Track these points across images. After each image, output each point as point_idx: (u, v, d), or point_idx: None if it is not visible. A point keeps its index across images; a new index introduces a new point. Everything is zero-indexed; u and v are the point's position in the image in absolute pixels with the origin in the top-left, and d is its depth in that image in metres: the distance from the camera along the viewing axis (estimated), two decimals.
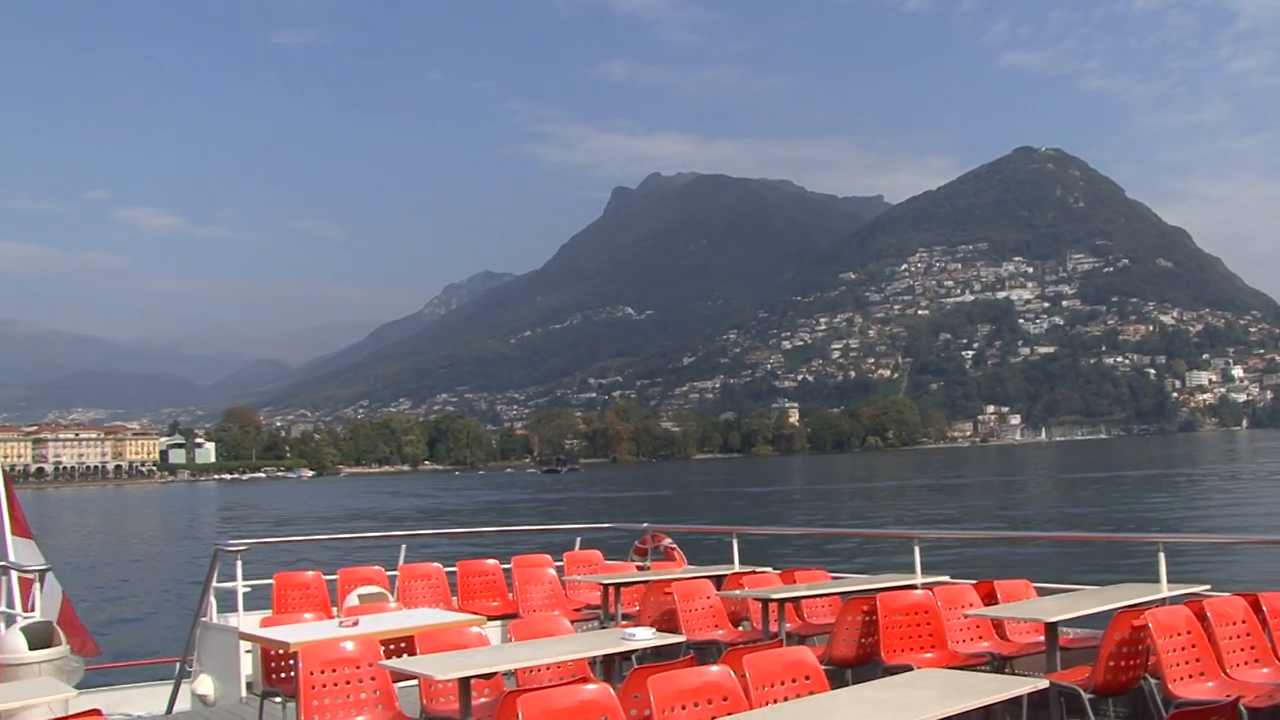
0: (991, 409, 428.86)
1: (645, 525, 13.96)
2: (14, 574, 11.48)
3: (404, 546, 12.79)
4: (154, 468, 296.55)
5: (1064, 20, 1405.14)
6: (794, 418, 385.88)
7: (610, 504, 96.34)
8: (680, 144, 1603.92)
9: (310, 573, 11.56)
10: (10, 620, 10.94)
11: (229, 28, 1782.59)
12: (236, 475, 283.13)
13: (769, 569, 11.55)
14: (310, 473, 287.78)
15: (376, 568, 11.85)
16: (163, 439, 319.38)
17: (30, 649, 9.48)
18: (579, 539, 13.79)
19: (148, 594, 39.27)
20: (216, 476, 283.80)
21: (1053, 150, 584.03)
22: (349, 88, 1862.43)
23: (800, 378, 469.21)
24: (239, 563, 10.63)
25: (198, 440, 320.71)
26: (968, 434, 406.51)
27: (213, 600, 11.07)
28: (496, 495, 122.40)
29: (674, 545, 13.44)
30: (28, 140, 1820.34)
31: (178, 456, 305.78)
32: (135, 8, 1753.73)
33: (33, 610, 10.72)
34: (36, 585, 10.80)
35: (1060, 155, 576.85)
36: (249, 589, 10.74)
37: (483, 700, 7.43)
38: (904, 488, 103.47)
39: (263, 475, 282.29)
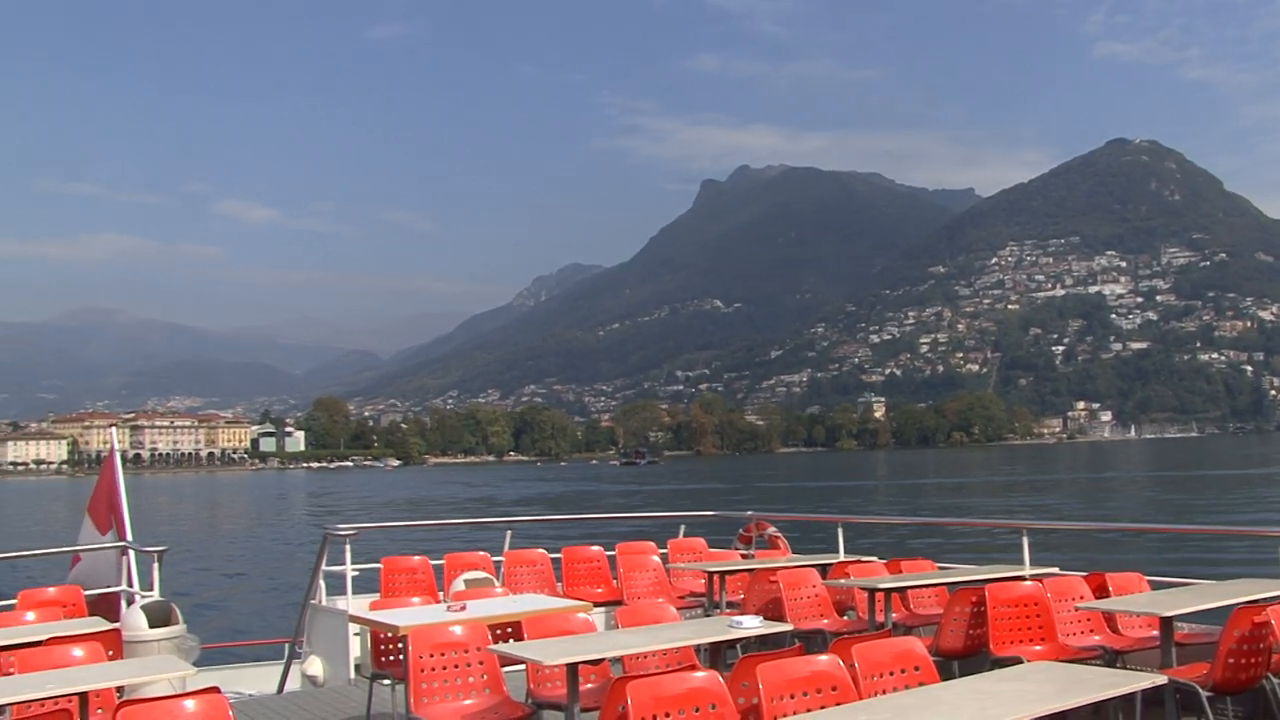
0: (1082, 405, 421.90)
1: (749, 513, 13.93)
2: (132, 554, 11.86)
3: (509, 532, 12.89)
4: (245, 455, 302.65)
5: (1162, 9, 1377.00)
6: (879, 412, 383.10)
7: (672, 497, 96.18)
8: (770, 136, 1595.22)
9: (417, 557, 11.66)
10: (130, 599, 11.31)
11: (325, 23, 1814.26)
12: (324, 464, 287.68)
13: (874, 558, 11.49)
14: (396, 462, 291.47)
15: (482, 553, 11.96)
16: (254, 427, 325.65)
17: (150, 627, 9.77)
18: (683, 526, 13.78)
19: (248, 576, 40.09)
20: (305, 465, 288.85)
21: (1147, 142, 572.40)
22: (441, 81, 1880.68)
23: (888, 372, 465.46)
24: (348, 547, 10.79)
25: (288, 429, 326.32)
26: (1056, 430, 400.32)
27: (322, 583, 11.27)
28: (559, 487, 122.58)
29: (778, 534, 13.39)
30: (132, 135, 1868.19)
31: (268, 444, 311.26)
32: (231, 5, 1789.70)
33: (151, 589, 11.06)
34: (155, 565, 11.15)
35: (1155, 147, 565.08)
36: (357, 573, 10.90)
37: (589, 686, 7.45)
38: (991, 483, 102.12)
39: (350, 464, 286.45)
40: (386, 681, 8.63)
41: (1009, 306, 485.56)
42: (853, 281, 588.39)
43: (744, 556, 12.94)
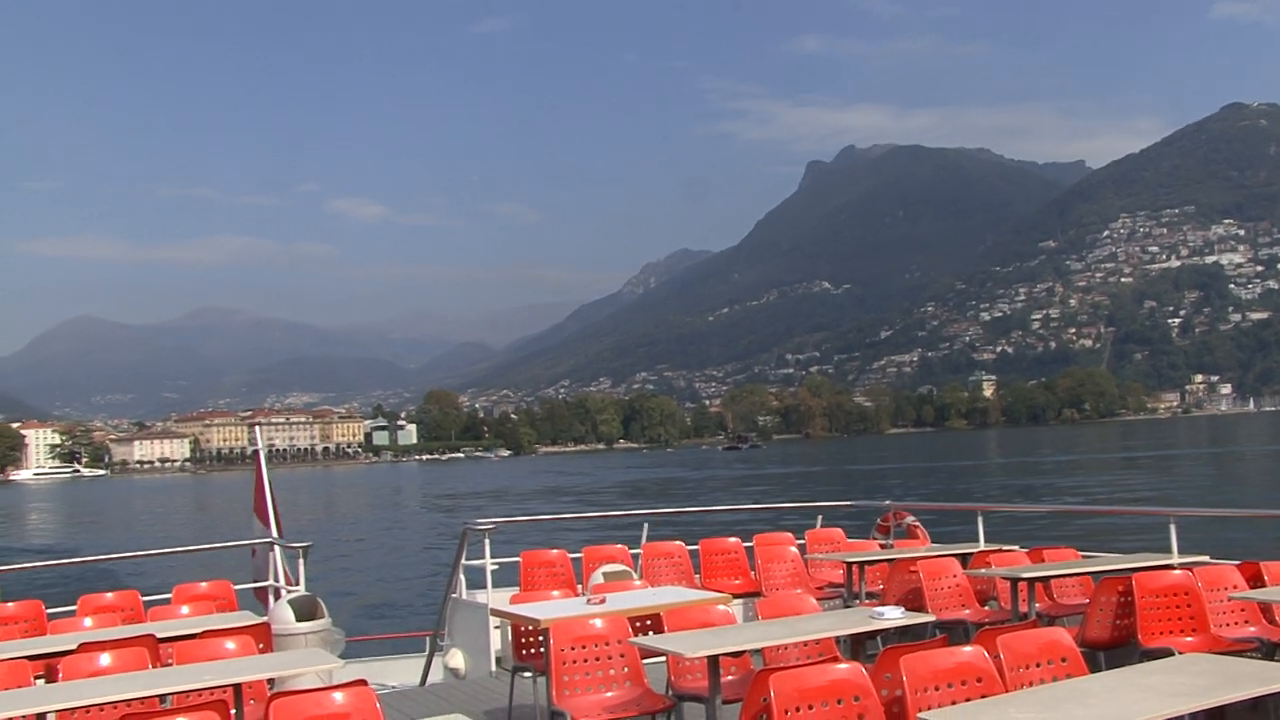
0: (1200, 378, 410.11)
1: (887, 503, 13.83)
2: (278, 550, 12.23)
3: (646, 525, 12.99)
4: (359, 449, 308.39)
5: None
6: (989, 390, 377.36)
7: (758, 482, 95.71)
8: (876, 115, 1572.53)
9: (555, 551, 11.86)
10: (277, 593, 11.67)
11: (430, 21, 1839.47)
12: (436, 456, 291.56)
13: (1015, 547, 11.36)
14: (506, 452, 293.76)
15: (620, 546, 12.03)
16: (367, 421, 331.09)
17: (297, 620, 10.10)
18: (820, 517, 13.74)
19: (375, 568, 40.86)
20: (417, 457, 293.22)
21: (1266, 105, 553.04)
22: (546, 73, 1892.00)
23: (999, 349, 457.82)
24: (487, 541, 10.98)
25: (400, 422, 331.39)
26: (1173, 404, 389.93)
27: (462, 577, 11.51)
28: (638, 474, 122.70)
29: (917, 523, 13.27)
30: (246, 139, 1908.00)
31: (381, 438, 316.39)
32: (335, 7, 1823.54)
33: (297, 584, 11.39)
34: (301, 560, 11.49)
35: (1275, 110, 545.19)
36: (496, 567, 11.07)
37: (730, 678, 7.48)
38: (1106, 461, 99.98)
39: (461, 455, 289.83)
40: (528, 674, 8.76)
41: (1122, 280, 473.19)
42: (962, 259, 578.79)
43: (882, 546, 12.84)
